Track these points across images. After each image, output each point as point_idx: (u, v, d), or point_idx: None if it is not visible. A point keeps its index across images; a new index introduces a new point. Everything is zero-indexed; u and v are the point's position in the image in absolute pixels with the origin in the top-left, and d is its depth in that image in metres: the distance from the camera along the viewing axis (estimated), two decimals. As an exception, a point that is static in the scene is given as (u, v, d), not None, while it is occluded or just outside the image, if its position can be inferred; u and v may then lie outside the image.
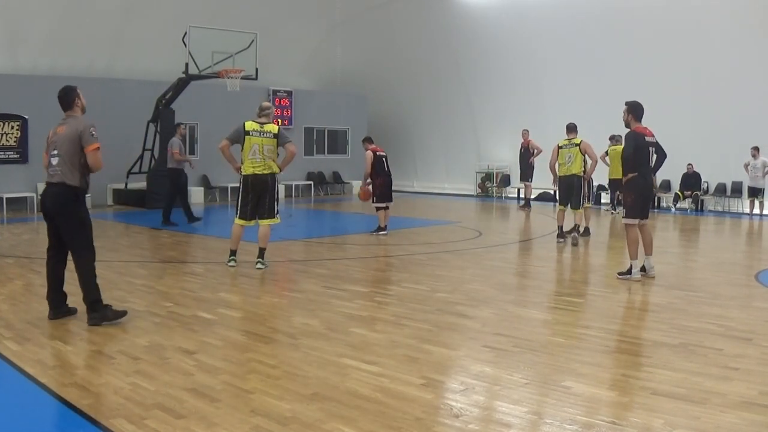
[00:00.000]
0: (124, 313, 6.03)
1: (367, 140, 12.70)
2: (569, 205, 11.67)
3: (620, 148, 12.05)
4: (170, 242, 11.75)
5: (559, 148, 11.77)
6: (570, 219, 11.86)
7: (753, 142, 16.52)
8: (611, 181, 16.03)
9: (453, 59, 22.62)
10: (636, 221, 8.25)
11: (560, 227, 11.76)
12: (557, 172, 11.81)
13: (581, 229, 11.98)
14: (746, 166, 16.73)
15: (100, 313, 5.89)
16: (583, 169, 11.66)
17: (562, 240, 11.56)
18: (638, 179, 8.20)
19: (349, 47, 24.30)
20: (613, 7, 18.24)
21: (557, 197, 12.18)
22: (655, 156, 8.34)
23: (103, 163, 5.99)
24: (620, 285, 7.99)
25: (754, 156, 16.55)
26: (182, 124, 14.53)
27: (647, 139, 8.19)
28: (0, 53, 17.06)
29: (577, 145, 11.59)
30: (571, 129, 11.85)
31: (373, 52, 24.20)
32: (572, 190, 11.62)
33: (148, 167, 17.46)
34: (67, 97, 6.05)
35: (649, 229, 8.53)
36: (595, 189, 13.28)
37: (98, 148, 5.89)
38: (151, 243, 11.66)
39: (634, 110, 8.28)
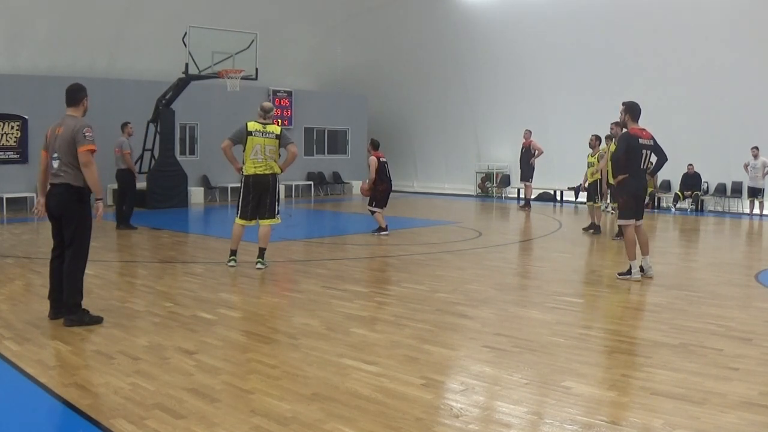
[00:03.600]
0: (100, 320, 5.99)
1: (373, 145, 12.58)
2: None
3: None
4: (170, 242, 11.75)
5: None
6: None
7: (753, 142, 16.53)
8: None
9: (453, 59, 22.63)
10: (631, 222, 8.25)
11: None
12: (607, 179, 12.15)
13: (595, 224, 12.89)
14: (746, 166, 16.73)
15: (78, 316, 5.89)
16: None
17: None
18: (630, 180, 8.20)
19: (349, 47, 24.30)
20: (613, 7, 18.25)
21: (604, 197, 12.89)
22: (649, 158, 8.33)
23: (95, 167, 5.82)
24: (620, 285, 8.00)
25: (754, 156, 16.56)
26: (129, 123, 13.30)
27: (641, 141, 8.17)
28: (0, 53, 17.06)
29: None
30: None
31: (373, 52, 24.20)
32: None
33: (148, 167, 17.45)
34: (77, 95, 6.02)
35: (645, 229, 8.53)
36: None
37: (91, 150, 5.80)
38: (151, 243, 11.66)
39: (631, 110, 8.26)
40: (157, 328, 5.87)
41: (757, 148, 16.48)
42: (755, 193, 16.86)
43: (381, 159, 12.39)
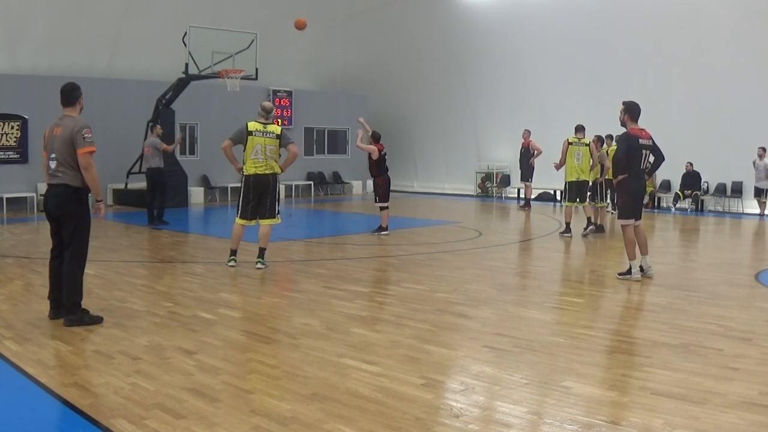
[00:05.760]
0: (100, 320, 5.98)
1: (374, 137, 12.59)
2: (578, 200, 12.48)
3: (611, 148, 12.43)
4: (170, 242, 11.75)
5: (570, 144, 12.39)
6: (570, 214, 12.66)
7: (753, 141, 16.54)
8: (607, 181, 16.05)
9: (453, 59, 22.62)
10: (630, 222, 8.25)
11: (568, 224, 12.43)
12: (569, 176, 12.38)
13: (596, 224, 12.81)
14: (753, 162, 16.69)
15: (78, 316, 5.88)
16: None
17: (569, 234, 12.24)
18: (630, 180, 8.19)
19: (349, 47, 24.30)
20: (613, 8, 18.24)
21: (565, 194, 12.69)
22: (648, 158, 8.32)
23: (95, 169, 5.81)
24: (620, 285, 7.99)
25: (760, 156, 16.57)
26: (158, 124, 14.78)
27: (641, 141, 8.16)
28: (0, 53, 17.06)
29: (587, 145, 12.45)
30: (580, 129, 12.50)
31: (373, 52, 24.20)
32: (583, 190, 12.52)
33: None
34: (72, 94, 5.98)
35: (643, 229, 8.53)
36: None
37: (90, 151, 5.77)
38: (151, 243, 11.66)
39: (631, 110, 8.25)
40: (157, 328, 5.87)
41: (764, 148, 16.51)
42: (759, 193, 16.86)
43: (382, 151, 12.45)
